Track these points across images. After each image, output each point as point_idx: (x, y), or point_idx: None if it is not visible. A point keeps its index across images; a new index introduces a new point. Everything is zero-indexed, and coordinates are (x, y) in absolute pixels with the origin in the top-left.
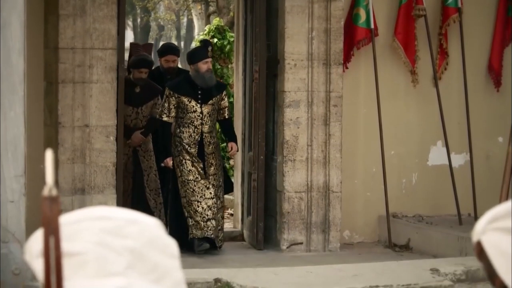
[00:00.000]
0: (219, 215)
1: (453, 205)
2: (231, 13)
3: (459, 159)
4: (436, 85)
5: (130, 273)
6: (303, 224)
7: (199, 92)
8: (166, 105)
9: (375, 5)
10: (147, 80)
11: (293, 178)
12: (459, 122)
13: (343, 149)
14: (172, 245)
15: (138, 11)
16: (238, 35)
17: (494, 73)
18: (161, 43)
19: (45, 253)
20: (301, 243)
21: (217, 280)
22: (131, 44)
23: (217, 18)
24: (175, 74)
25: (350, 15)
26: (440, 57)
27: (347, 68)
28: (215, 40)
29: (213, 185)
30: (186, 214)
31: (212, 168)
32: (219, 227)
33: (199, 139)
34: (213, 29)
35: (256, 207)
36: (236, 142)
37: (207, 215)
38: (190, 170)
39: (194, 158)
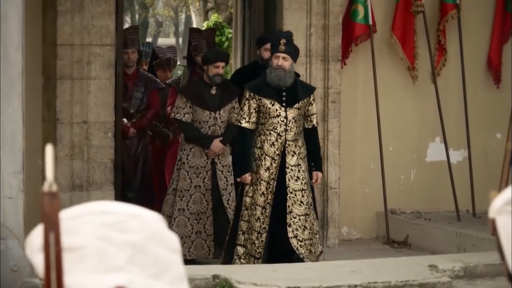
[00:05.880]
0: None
1: (451, 201)
2: (229, 10)
3: (457, 155)
4: (435, 81)
5: (131, 267)
6: None
7: (284, 93)
8: (245, 108)
9: (373, 1)
10: (224, 79)
11: None
12: (457, 118)
13: (341, 145)
14: (173, 239)
15: (137, 7)
16: (236, 31)
17: (494, 69)
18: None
19: (45, 248)
20: None
21: (215, 277)
22: (190, 29)
23: (215, 15)
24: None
25: (348, 11)
26: (439, 53)
27: (345, 64)
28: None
29: (301, 202)
30: (241, 241)
31: (298, 183)
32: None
33: (282, 149)
34: (211, 25)
35: None
36: (321, 168)
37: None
38: (263, 193)
39: (271, 178)
